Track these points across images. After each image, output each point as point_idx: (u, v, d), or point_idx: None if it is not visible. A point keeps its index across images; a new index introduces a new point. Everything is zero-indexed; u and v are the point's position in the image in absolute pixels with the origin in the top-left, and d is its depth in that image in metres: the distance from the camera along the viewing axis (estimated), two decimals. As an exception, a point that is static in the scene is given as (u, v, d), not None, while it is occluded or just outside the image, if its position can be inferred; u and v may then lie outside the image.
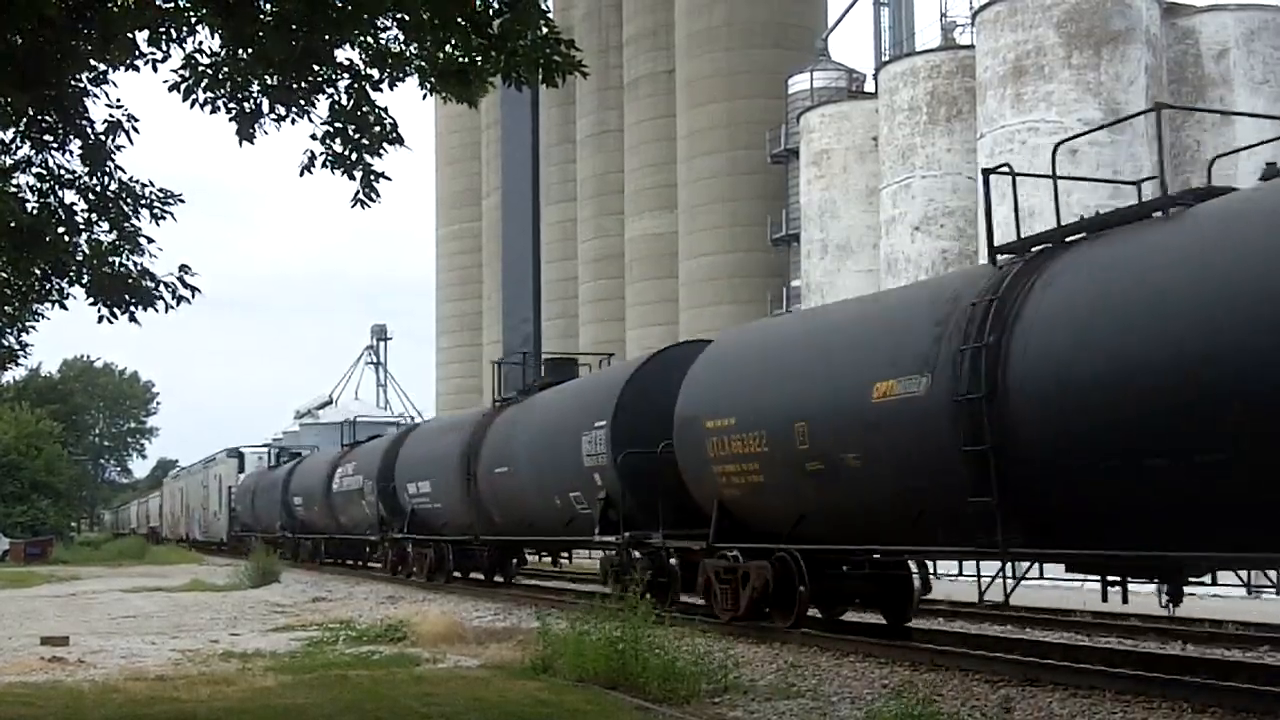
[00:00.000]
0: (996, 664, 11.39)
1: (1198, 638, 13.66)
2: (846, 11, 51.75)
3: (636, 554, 17.41)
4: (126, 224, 9.37)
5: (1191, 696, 9.45)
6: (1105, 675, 10.44)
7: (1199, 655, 12.38)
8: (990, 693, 10.37)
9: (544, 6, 7.96)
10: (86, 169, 9.22)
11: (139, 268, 9.38)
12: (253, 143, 8.21)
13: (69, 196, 9.45)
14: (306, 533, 40.27)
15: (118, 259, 9.36)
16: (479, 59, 7.96)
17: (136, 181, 9.47)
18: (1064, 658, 11.84)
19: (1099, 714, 9.34)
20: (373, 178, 8.48)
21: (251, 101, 8.12)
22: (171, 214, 9.60)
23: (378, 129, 8.32)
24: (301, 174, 8.52)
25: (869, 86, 46.02)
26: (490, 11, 7.83)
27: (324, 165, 8.42)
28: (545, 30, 7.85)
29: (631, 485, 17.46)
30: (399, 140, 8.41)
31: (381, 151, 8.40)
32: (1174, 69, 35.59)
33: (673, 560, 17.19)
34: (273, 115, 8.19)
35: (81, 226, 9.44)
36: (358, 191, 8.48)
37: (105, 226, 9.43)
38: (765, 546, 14.26)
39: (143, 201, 9.44)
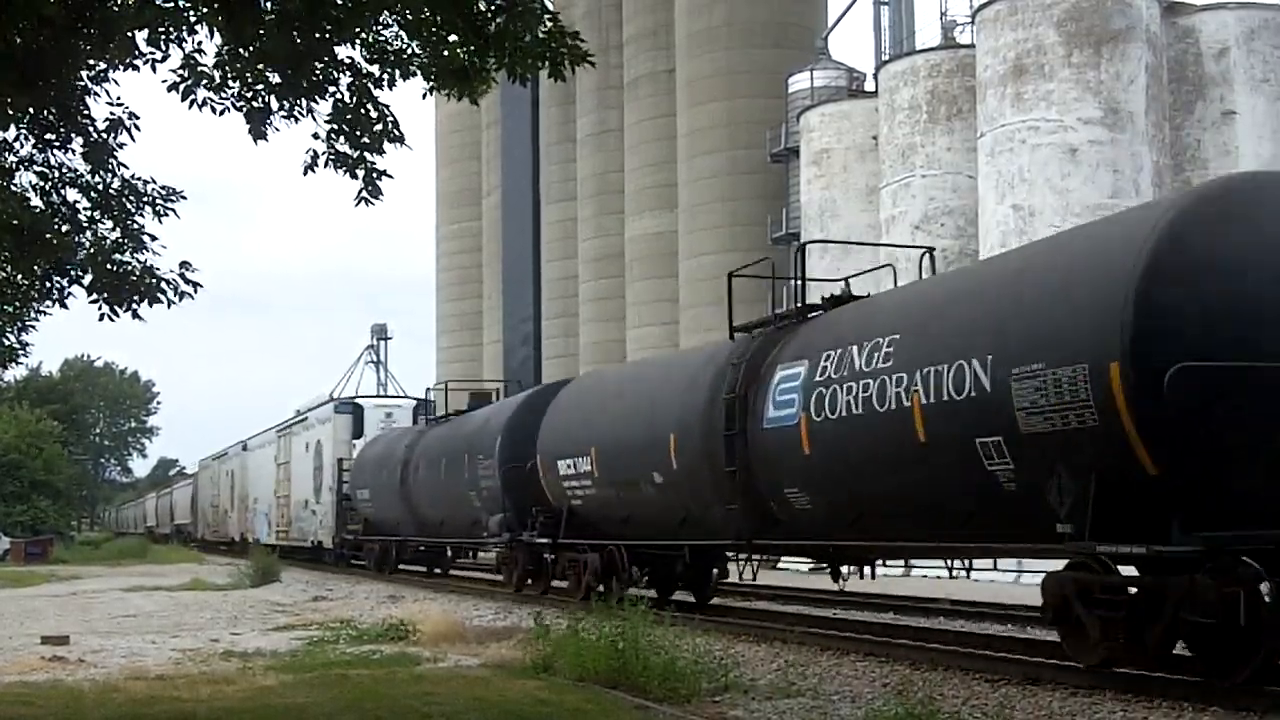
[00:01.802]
0: (996, 663, 11.39)
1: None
2: (846, 11, 51.75)
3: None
4: (129, 221, 9.39)
5: (1191, 696, 9.45)
6: (1106, 675, 10.43)
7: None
8: (990, 692, 10.37)
9: (546, 5, 7.96)
10: (89, 167, 9.24)
11: (142, 264, 9.39)
12: (266, 139, 8.23)
13: (71, 195, 9.47)
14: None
15: (121, 256, 9.37)
16: (479, 58, 7.96)
17: (138, 179, 9.49)
18: (1064, 657, 11.83)
19: (1099, 713, 9.34)
20: (375, 176, 8.51)
21: (260, 99, 8.13)
22: (174, 210, 9.62)
23: (379, 127, 8.33)
24: (305, 173, 8.54)
25: (869, 86, 46.00)
26: (491, 11, 7.83)
27: (327, 164, 8.45)
28: (550, 25, 7.85)
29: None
30: (400, 139, 8.42)
31: (383, 150, 8.43)
32: (1174, 68, 35.58)
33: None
34: (281, 113, 8.21)
35: (85, 224, 9.45)
36: (361, 190, 8.51)
37: (108, 224, 9.45)
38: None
39: (145, 198, 9.46)
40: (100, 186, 9.34)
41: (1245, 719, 8.92)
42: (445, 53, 8.04)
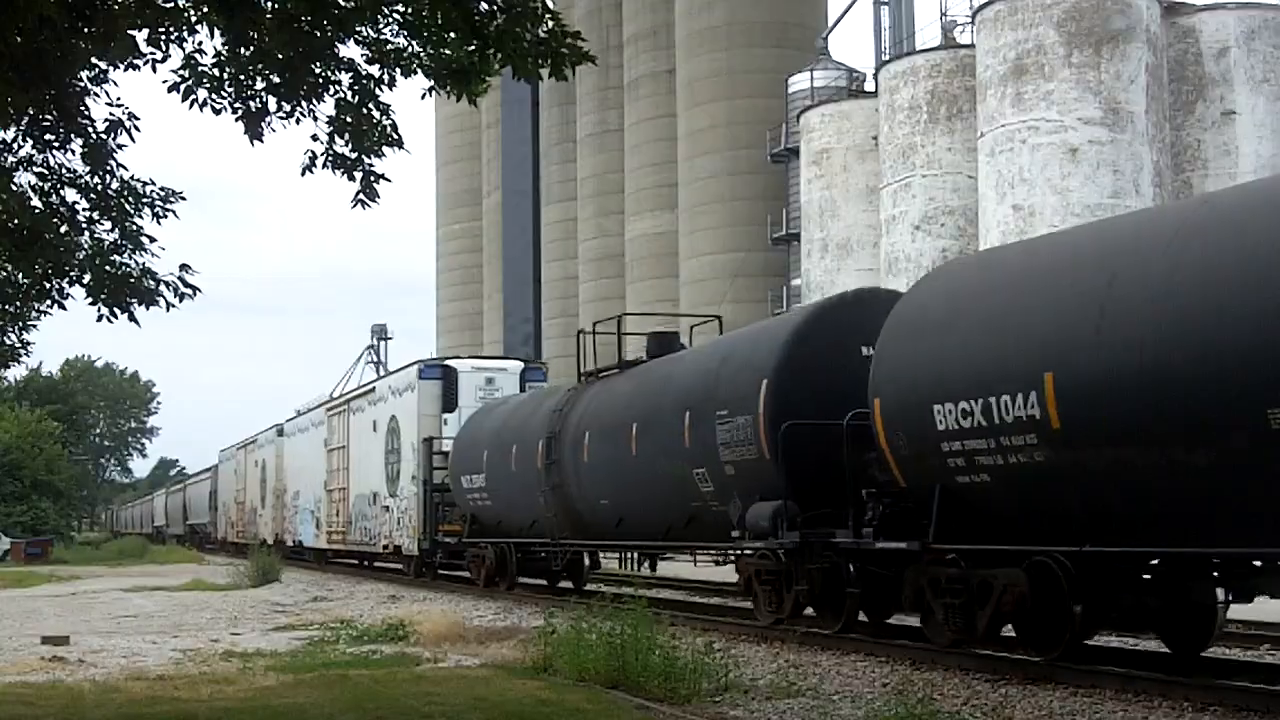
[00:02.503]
0: (996, 663, 11.38)
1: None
2: (846, 11, 51.80)
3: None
4: (128, 222, 9.39)
5: (1191, 696, 9.45)
6: (1106, 674, 10.43)
7: (1199, 655, 12.37)
8: (990, 692, 10.37)
9: (548, 4, 7.96)
10: (88, 168, 9.23)
11: (140, 266, 9.39)
12: (262, 141, 8.24)
13: (70, 195, 9.47)
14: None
15: (119, 258, 9.37)
16: (480, 58, 7.96)
17: (137, 180, 9.49)
18: (1064, 657, 11.83)
19: (1099, 713, 9.33)
20: (373, 179, 8.51)
21: (258, 100, 8.13)
22: (173, 212, 9.62)
23: (379, 129, 8.34)
24: (303, 174, 8.56)
25: (869, 86, 46.03)
26: (493, 10, 7.83)
27: (325, 165, 8.46)
28: (551, 24, 7.85)
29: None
30: (399, 143, 8.43)
31: (383, 153, 8.44)
32: (1174, 68, 35.60)
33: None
34: (279, 114, 8.21)
35: (84, 225, 9.45)
36: (358, 192, 8.52)
37: (107, 225, 9.44)
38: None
39: (144, 199, 9.45)
40: (99, 187, 9.33)
41: (1246, 719, 8.93)
42: (446, 52, 8.04)
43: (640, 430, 17.03)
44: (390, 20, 7.96)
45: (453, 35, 7.92)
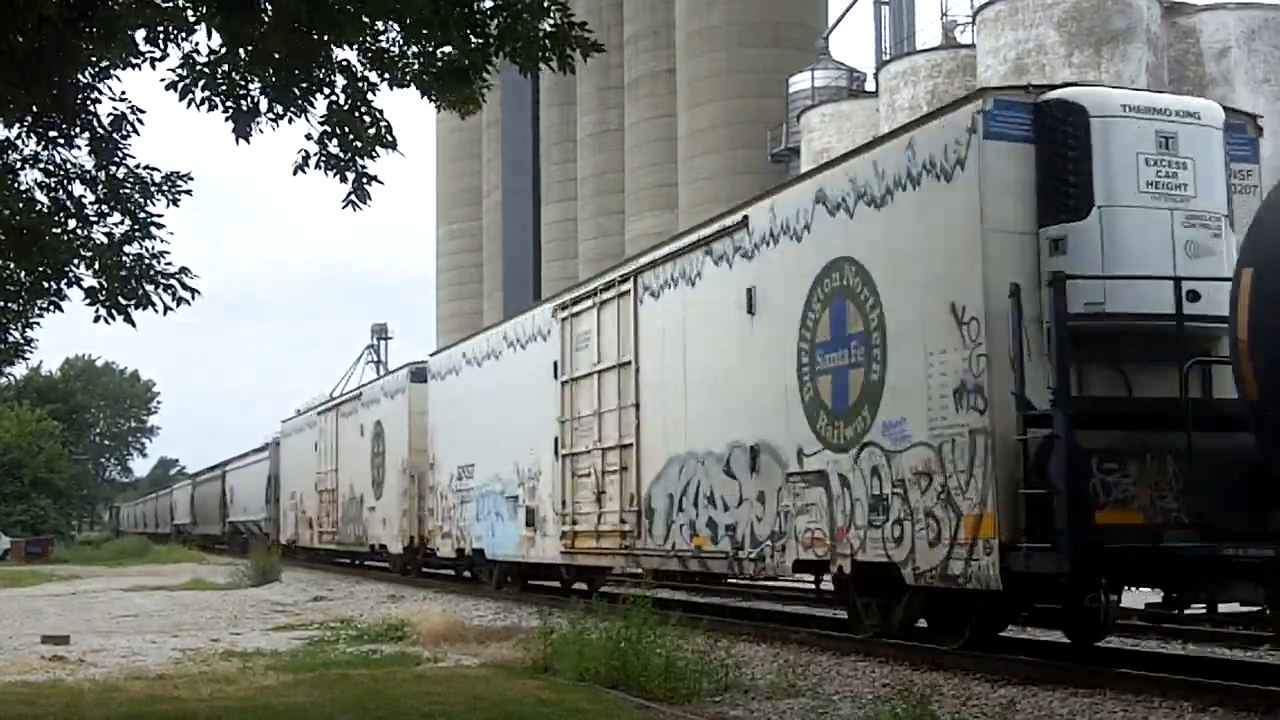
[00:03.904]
0: (996, 664, 11.38)
1: (1198, 637, 13.65)
2: (847, 11, 51.72)
3: None
4: (140, 211, 9.40)
5: (1191, 696, 9.45)
6: (1106, 675, 10.43)
7: (1199, 655, 12.38)
8: (990, 692, 10.37)
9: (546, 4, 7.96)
10: (95, 163, 9.25)
11: (150, 253, 9.41)
12: (249, 141, 8.22)
13: (77, 190, 9.48)
14: None
15: (130, 248, 9.38)
16: (480, 57, 7.95)
17: (144, 168, 9.49)
18: (1064, 657, 11.84)
19: (1099, 714, 9.33)
20: (365, 180, 8.50)
21: (249, 100, 8.13)
22: (189, 192, 9.63)
23: (372, 131, 8.33)
24: (295, 173, 8.54)
25: (870, 86, 45.99)
26: (494, 8, 7.83)
27: (317, 166, 8.45)
28: (558, 18, 7.85)
29: None
30: (392, 145, 8.42)
31: (374, 154, 8.43)
32: (1175, 68, 35.59)
33: None
34: (270, 114, 8.20)
35: (93, 219, 9.46)
36: (350, 193, 8.51)
37: (117, 217, 9.46)
38: None
39: (153, 186, 9.46)
40: (105, 179, 9.34)
41: (1246, 719, 8.92)
42: (446, 51, 8.03)
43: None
44: (389, 20, 7.94)
45: (453, 36, 7.91)
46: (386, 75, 8.13)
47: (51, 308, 10.19)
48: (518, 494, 20.88)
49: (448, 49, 8.01)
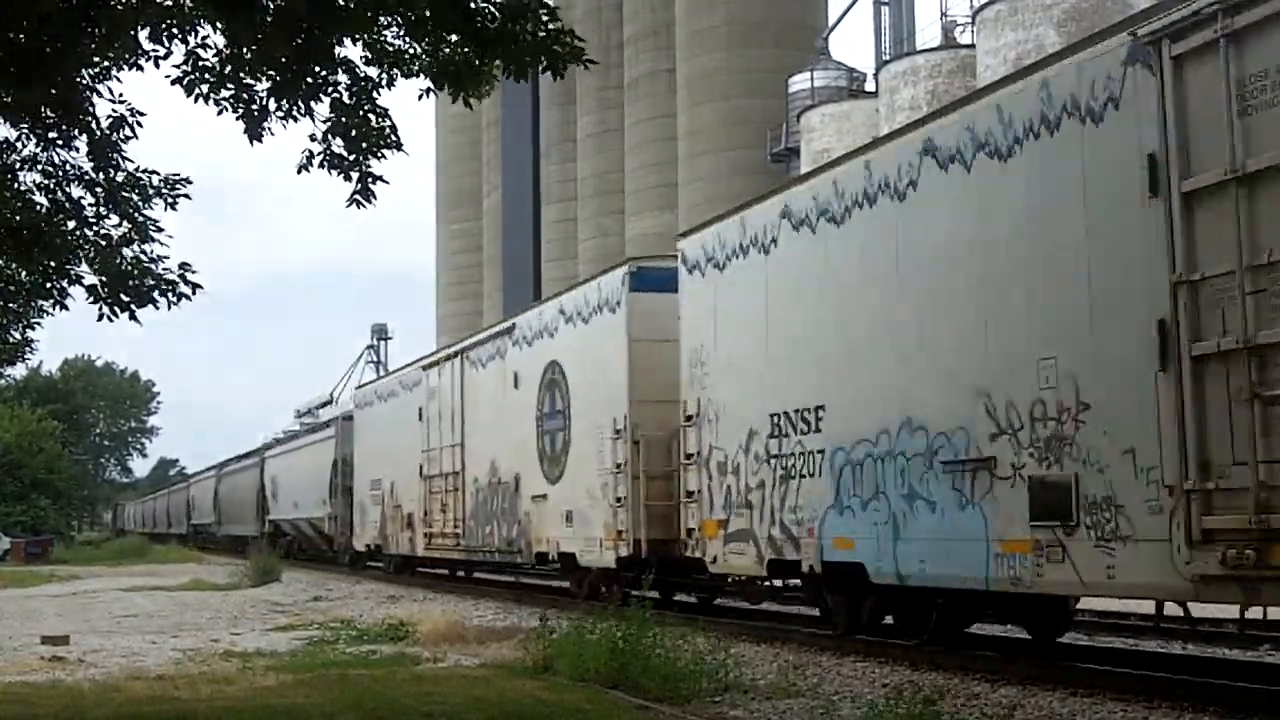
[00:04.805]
0: (997, 663, 11.38)
1: (1198, 637, 13.63)
2: (847, 11, 51.73)
3: None
4: (137, 214, 9.40)
5: (1191, 696, 9.45)
6: (1106, 675, 10.43)
7: (1199, 655, 12.37)
8: (990, 692, 10.36)
9: (546, 1, 7.96)
10: (93, 164, 9.25)
11: (148, 256, 9.42)
12: (261, 141, 8.24)
13: (76, 191, 9.49)
14: None
15: (128, 250, 9.39)
16: (479, 58, 7.95)
17: (143, 171, 9.49)
18: (1065, 657, 11.84)
19: (1100, 714, 9.33)
20: (370, 180, 8.51)
21: (258, 100, 8.13)
22: (187, 195, 9.63)
23: (376, 131, 8.33)
24: (299, 172, 8.56)
25: (870, 86, 45.99)
26: (492, 9, 7.82)
27: (321, 165, 8.45)
28: (550, 24, 7.85)
29: None
30: (397, 144, 8.42)
31: (380, 155, 8.43)
32: (1174, 68, 35.58)
33: None
34: (278, 114, 8.21)
35: (92, 220, 9.47)
36: (354, 192, 8.51)
37: (115, 220, 9.47)
38: None
39: (151, 189, 9.47)
40: (104, 182, 9.35)
41: (1245, 719, 8.92)
42: (445, 51, 8.03)
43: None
44: (390, 20, 7.95)
45: (453, 36, 7.91)
46: (396, 68, 8.13)
47: (55, 306, 10.19)
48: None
49: (447, 50, 8.01)
